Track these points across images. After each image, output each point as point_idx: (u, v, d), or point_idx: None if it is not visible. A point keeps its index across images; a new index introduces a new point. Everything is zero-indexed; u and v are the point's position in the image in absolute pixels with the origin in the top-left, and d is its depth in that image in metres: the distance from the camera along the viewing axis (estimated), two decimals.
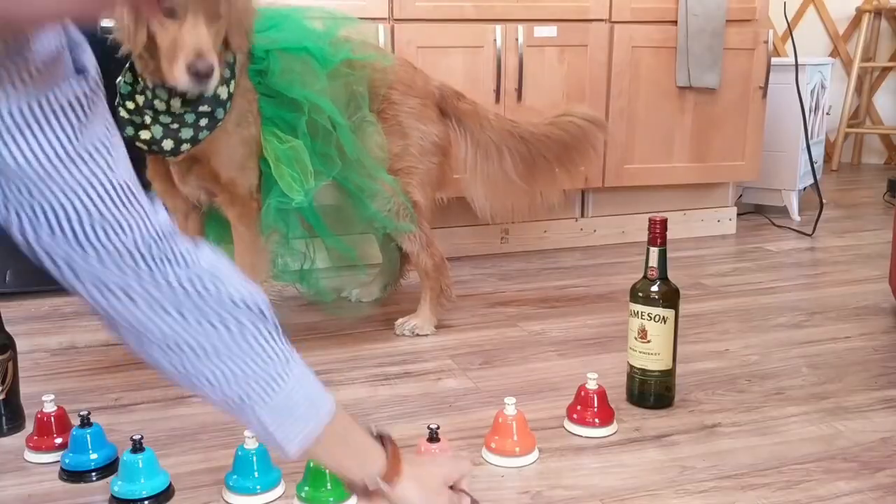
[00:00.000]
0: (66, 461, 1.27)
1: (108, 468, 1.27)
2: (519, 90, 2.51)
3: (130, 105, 1.56)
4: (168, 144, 1.56)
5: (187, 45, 1.43)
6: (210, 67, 1.43)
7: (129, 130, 1.56)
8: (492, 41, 2.46)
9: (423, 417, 1.47)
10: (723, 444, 1.38)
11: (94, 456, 1.26)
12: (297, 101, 1.68)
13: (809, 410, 1.50)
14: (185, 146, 1.58)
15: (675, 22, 2.65)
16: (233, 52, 1.58)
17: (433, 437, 1.23)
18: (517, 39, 2.47)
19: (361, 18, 2.33)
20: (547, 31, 2.52)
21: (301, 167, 1.67)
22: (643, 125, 2.71)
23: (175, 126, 1.55)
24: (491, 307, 2.12)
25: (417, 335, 1.90)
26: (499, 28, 2.45)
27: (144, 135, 1.56)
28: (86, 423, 1.28)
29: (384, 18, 2.36)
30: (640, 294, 1.48)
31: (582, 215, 2.79)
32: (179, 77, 1.43)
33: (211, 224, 1.84)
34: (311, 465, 1.17)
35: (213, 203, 1.72)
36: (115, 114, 1.51)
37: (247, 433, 1.20)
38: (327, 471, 1.16)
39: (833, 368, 1.70)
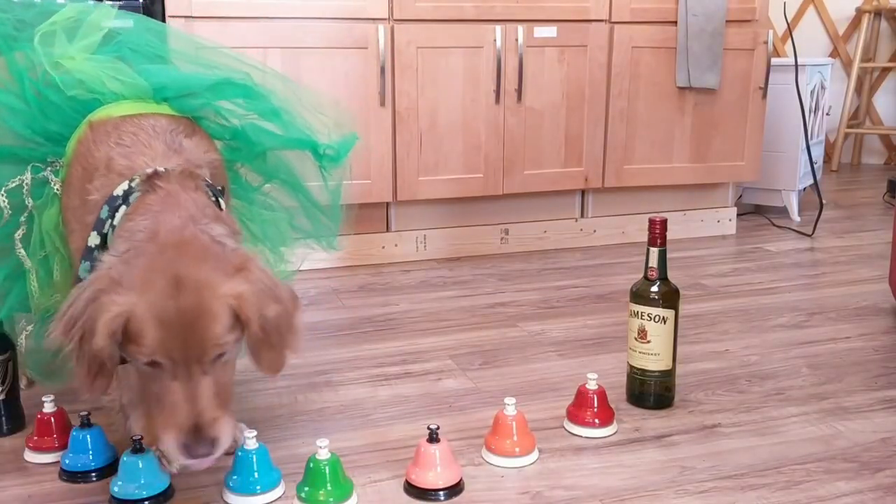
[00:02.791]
0: (66, 461, 1.27)
1: (108, 469, 1.27)
2: (519, 90, 2.51)
3: None
4: None
5: (179, 415, 1.04)
6: (213, 447, 1.04)
7: None
8: (492, 41, 2.46)
9: (423, 417, 1.47)
10: (723, 444, 1.38)
11: (93, 456, 1.26)
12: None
13: (809, 410, 1.50)
14: None
15: (675, 22, 2.65)
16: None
17: (433, 438, 1.23)
18: (517, 40, 2.47)
19: (361, 19, 2.35)
20: (547, 32, 2.52)
21: (283, 239, 1.46)
22: (643, 126, 2.71)
23: None
24: (491, 307, 2.12)
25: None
26: (499, 28, 2.45)
27: None
28: (86, 423, 1.28)
29: (384, 18, 2.36)
30: (640, 294, 1.48)
31: (582, 215, 2.79)
32: (172, 454, 1.07)
33: None
34: (311, 465, 1.18)
35: None
36: None
37: (247, 433, 1.20)
38: (327, 471, 1.16)
39: (833, 368, 1.70)
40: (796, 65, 2.94)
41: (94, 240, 1.15)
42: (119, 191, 1.16)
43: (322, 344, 1.86)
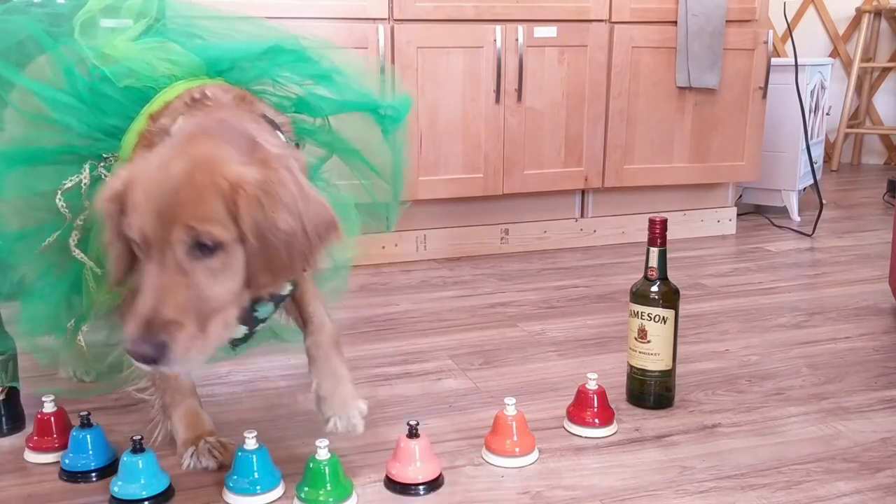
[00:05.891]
0: (66, 462, 1.27)
1: (108, 469, 1.27)
2: (519, 90, 2.51)
3: None
4: (241, 331, 1.15)
5: (138, 302, 0.93)
6: (159, 354, 0.91)
7: None
8: (492, 41, 2.46)
9: (423, 417, 1.47)
10: (723, 444, 1.38)
11: (93, 456, 1.26)
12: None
13: (809, 410, 1.50)
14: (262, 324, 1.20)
15: (675, 22, 2.65)
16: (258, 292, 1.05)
17: (413, 434, 1.23)
18: (517, 39, 2.47)
19: (361, 19, 2.35)
20: (547, 32, 2.52)
21: (349, 225, 1.35)
22: (643, 125, 2.71)
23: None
24: (491, 307, 2.12)
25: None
26: (499, 28, 2.45)
27: None
28: (86, 423, 1.28)
29: (384, 18, 2.36)
30: (640, 294, 1.48)
31: (582, 215, 2.79)
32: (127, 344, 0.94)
33: None
34: (311, 465, 1.17)
35: None
36: None
37: (247, 433, 1.20)
38: (327, 471, 1.16)
39: (833, 368, 1.70)
40: (796, 65, 2.94)
41: None
42: (175, 129, 1.11)
43: None
